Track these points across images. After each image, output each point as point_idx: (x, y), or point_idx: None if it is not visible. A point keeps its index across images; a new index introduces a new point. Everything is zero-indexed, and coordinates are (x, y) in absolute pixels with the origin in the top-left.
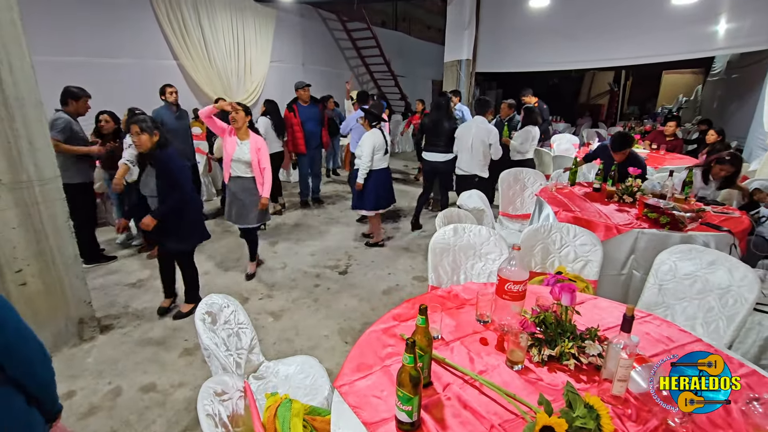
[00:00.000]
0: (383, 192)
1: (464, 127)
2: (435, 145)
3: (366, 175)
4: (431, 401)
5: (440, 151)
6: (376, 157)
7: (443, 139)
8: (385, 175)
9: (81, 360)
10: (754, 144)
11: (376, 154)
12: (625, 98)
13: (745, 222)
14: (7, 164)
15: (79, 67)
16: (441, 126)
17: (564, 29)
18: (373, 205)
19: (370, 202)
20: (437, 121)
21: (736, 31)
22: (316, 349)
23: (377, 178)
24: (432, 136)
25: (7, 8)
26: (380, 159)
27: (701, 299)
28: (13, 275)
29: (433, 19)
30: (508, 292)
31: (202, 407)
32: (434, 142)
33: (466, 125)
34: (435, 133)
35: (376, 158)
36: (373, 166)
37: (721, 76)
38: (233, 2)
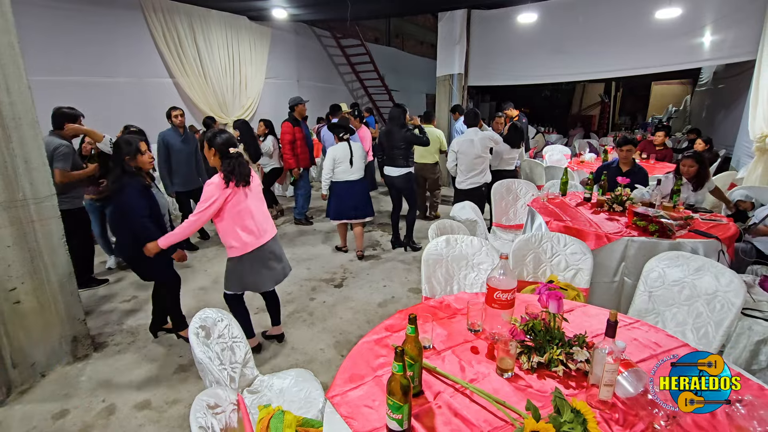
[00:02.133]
0: (348, 204)
1: (464, 142)
2: (390, 158)
3: (328, 186)
4: (422, 410)
5: (397, 165)
6: (338, 170)
7: (399, 151)
8: (349, 187)
9: (75, 378)
10: (741, 152)
11: (338, 167)
12: (616, 109)
13: (733, 228)
14: (3, 183)
15: (74, 86)
16: (393, 136)
17: (553, 43)
18: (334, 215)
19: (331, 211)
20: (389, 132)
21: (720, 43)
22: (312, 363)
23: (340, 190)
24: (388, 149)
25: (5, 31)
26: (343, 171)
27: (690, 305)
28: (7, 294)
29: (425, 35)
30: (497, 301)
31: (194, 419)
32: (390, 155)
33: (466, 139)
34: (389, 145)
35: (338, 170)
36: (335, 178)
37: (709, 86)
38: (228, 20)
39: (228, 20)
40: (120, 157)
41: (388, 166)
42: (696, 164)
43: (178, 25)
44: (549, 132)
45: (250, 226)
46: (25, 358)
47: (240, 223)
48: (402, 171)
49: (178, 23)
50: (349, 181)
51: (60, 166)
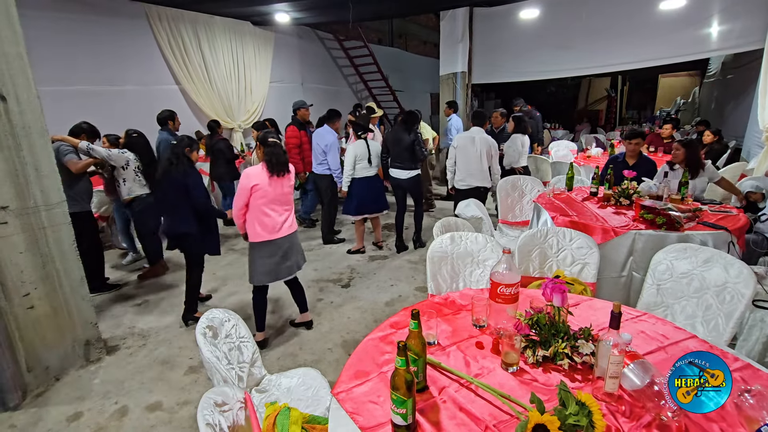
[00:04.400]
0: (368, 199)
1: (465, 138)
2: (396, 161)
3: (348, 182)
4: (427, 405)
5: (403, 168)
6: (358, 167)
7: (405, 154)
8: (368, 183)
9: (88, 381)
10: (752, 142)
11: (359, 164)
12: (623, 103)
13: (743, 219)
14: (15, 191)
15: (82, 95)
16: (400, 140)
17: (557, 38)
18: (355, 211)
19: (352, 207)
20: (396, 137)
21: (728, 32)
22: (320, 363)
23: (360, 186)
24: (393, 151)
25: (14, 43)
26: (363, 168)
27: (699, 297)
28: (20, 299)
29: (428, 35)
30: (501, 295)
31: (202, 417)
32: (396, 157)
33: (467, 136)
34: (395, 148)
35: (359, 167)
36: (356, 175)
37: (717, 77)
38: (232, 27)
39: (232, 26)
40: (182, 150)
41: (395, 169)
42: (682, 147)
43: (183, 32)
44: (555, 128)
45: (266, 221)
46: (39, 362)
47: (258, 217)
48: (411, 173)
49: (183, 31)
50: (368, 177)
51: (69, 158)
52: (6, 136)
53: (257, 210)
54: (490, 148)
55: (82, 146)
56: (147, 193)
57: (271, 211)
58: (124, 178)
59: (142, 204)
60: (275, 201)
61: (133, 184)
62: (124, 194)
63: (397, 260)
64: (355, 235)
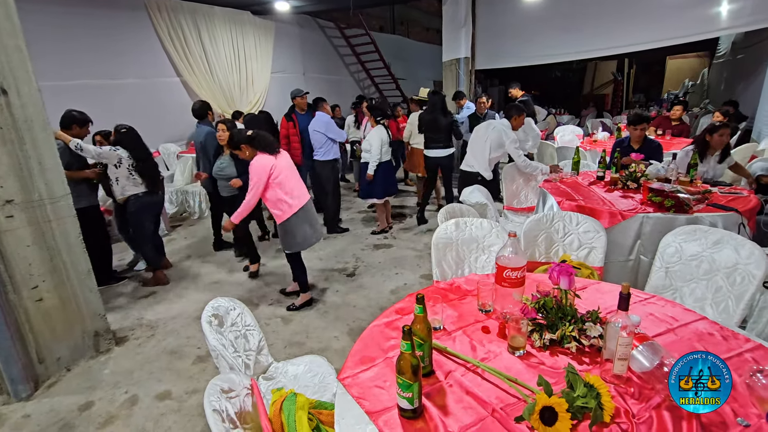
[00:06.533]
0: (390, 181)
1: (484, 126)
2: (435, 141)
3: (375, 167)
4: (433, 389)
5: (440, 147)
6: (383, 150)
7: (442, 135)
8: (389, 166)
9: (98, 372)
10: (763, 123)
11: (383, 147)
12: (629, 86)
13: (754, 201)
14: (20, 185)
15: (82, 89)
16: (438, 122)
17: (561, 20)
18: (382, 194)
19: (380, 190)
20: (434, 119)
21: (739, 10)
22: (326, 351)
23: (385, 169)
24: (431, 133)
25: (12, 35)
26: (386, 152)
27: (709, 279)
28: (29, 291)
29: (430, 21)
30: (507, 279)
31: (208, 403)
32: (433, 138)
33: (486, 125)
34: (433, 129)
35: (384, 151)
36: (381, 159)
37: (727, 57)
38: (232, 16)
39: (231, 16)
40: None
41: (432, 149)
42: (728, 128)
43: (182, 23)
44: (560, 113)
45: (291, 190)
46: (50, 353)
47: (283, 188)
48: (449, 151)
49: (183, 21)
50: (389, 161)
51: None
52: (8, 129)
53: (277, 187)
54: (499, 136)
55: (72, 145)
56: (143, 192)
57: (287, 180)
58: (117, 176)
59: (137, 203)
60: (286, 170)
61: (126, 183)
62: (118, 194)
63: (402, 249)
64: (377, 217)
